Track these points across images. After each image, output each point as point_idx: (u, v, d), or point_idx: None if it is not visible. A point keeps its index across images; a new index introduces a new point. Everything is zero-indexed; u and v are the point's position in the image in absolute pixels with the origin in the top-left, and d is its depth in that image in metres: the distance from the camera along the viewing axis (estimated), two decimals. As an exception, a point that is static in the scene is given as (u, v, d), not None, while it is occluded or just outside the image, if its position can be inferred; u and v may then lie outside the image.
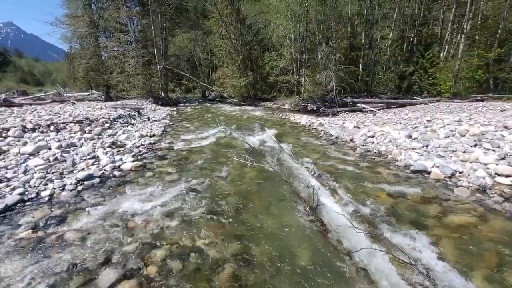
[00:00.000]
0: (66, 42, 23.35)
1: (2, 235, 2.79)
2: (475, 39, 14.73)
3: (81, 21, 19.05)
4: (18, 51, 73.85)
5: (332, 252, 2.60)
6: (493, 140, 4.81)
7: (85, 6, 19.59)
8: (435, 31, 17.99)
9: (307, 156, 5.68)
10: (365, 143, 6.48)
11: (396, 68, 16.04)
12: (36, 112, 8.67)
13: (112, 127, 7.92)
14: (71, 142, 5.73)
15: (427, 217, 3.17)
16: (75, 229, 2.93)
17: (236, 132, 8.27)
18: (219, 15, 18.83)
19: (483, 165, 4.23)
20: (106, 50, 20.03)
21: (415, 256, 2.47)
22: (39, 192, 3.71)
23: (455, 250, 2.57)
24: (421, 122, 7.03)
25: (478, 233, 2.81)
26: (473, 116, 6.66)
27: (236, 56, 18.92)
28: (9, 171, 4.10)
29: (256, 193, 3.94)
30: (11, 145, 5.10)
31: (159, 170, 4.86)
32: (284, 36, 16.95)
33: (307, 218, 3.19)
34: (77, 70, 23.16)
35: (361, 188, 4.01)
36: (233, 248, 2.67)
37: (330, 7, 15.17)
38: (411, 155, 5.11)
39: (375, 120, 8.97)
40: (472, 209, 3.28)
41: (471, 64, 13.57)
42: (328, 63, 13.38)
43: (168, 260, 2.49)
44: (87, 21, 18.96)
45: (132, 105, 13.07)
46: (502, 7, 14.06)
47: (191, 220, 3.17)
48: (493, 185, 3.81)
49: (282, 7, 15.93)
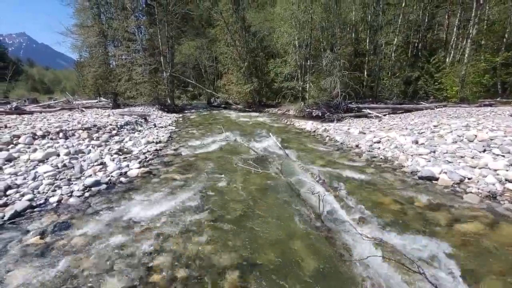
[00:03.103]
0: (76, 51, 24.01)
1: (11, 241, 2.83)
2: (481, 44, 14.60)
3: (90, 31, 19.65)
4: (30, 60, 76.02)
5: (339, 259, 2.57)
6: (503, 146, 4.71)
7: (95, 17, 20.27)
8: (440, 36, 17.90)
9: (312, 162, 5.66)
10: (371, 149, 6.42)
11: (401, 74, 15.96)
12: (46, 119, 8.87)
13: (119, 134, 8.04)
14: (79, 149, 5.83)
15: (435, 224, 3.10)
16: (82, 235, 2.96)
17: (241, 138, 8.30)
18: (225, 23, 19.15)
19: (492, 171, 4.14)
20: (115, 58, 20.54)
21: (423, 264, 2.42)
22: (48, 198, 3.77)
23: (465, 258, 2.50)
24: (427, 128, 6.95)
25: (488, 241, 2.74)
26: (481, 121, 6.54)
27: (241, 63, 19.14)
28: (19, 178, 4.18)
29: (261, 199, 3.93)
30: (21, 152, 5.21)
31: (165, 177, 4.89)
32: (289, 43, 17.11)
33: (313, 225, 3.16)
34: (86, 78, 23.72)
35: (368, 194, 3.97)
36: (238, 256, 2.65)
37: (334, 14, 15.29)
38: (418, 161, 5.04)
39: (381, 126, 8.90)
40: (482, 216, 3.21)
41: (478, 69, 13.42)
42: (332, 69, 13.41)
43: (173, 267, 2.49)
44: (97, 31, 19.55)
45: (139, 112, 13.27)
46: (508, 11, 13.96)
47: (196, 227, 3.17)
48: (504, 191, 3.72)
49: (287, 14, 16.15)
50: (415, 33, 16.76)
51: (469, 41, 13.85)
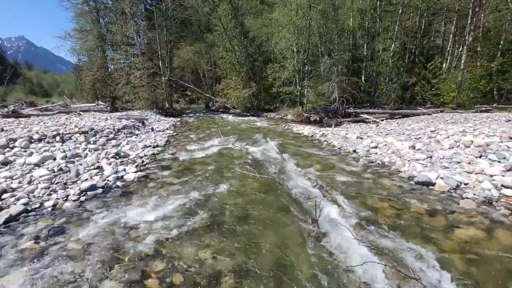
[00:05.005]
0: (74, 54, 24.13)
1: (5, 245, 2.80)
2: (477, 50, 14.80)
3: (89, 35, 19.71)
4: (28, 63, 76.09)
5: (335, 265, 2.56)
6: (499, 151, 4.74)
7: (94, 21, 20.35)
8: (436, 43, 18.14)
9: (310, 167, 5.66)
10: (368, 154, 6.44)
11: (398, 79, 16.11)
12: (43, 123, 8.83)
13: (116, 138, 8.01)
14: (76, 153, 5.80)
15: (431, 229, 3.10)
16: (77, 240, 2.93)
17: (239, 142, 8.30)
18: (224, 29, 19.31)
19: (488, 177, 4.16)
20: (113, 62, 20.59)
21: (419, 270, 2.42)
22: (43, 202, 3.74)
23: (461, 264, 2.50)
24: (424, 133, 6.99)
25: (485, 247, 2.74)
26: (477, 127, 6.60)
27: (240, 68, 19.26)
28: (14, 181, 4.15)
29: (258, 204, 3.92)
30: (17, 155, 5.18)
31: (161, 181, 4.87)
32: (287, 48, 17.26)
33: (309, 230, 3.15)
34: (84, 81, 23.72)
35: (364, 199, 3.97)
36: (235, 260, 2.64)
37: (332, 20, 15.48)
38: (415, 166, 5.06)
39: (378, 131, 8.94)
40: (479, 222, 3.22)
41: (474, 75, 13.57)
42: (330, 74, 13.51)
43: (168, 272, 2.46)
44: (96, 35, 19.63)
45: (136, 116, 13.26)
46: (503, 19, 14.18)
47: (193, 231, 3.15)
48: (500, 197, 3.74)
49: (285, 20, 16.33)
50: (412, 40, 16.98)
51: (465, 48, 14.06)
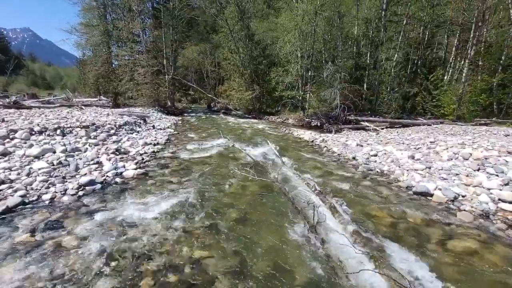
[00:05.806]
0: (79, 48, 24.18)
1: (0, 237, 2.79)
2: (478, 64, 14.91)
3: (95, 30, 19.79)
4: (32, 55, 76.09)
5: (331, 272, 2.56)
6: (497, 165, 4.77)
7: (101, 17, 20.44)
8: (439, 55, 18.28)
9: (309, 172, 5.67)
10: (368, 161, 6.46)
11: (400, 89, 16.20)
12: (44, 115, 8.84)
13: (117, 134, 8.02)
14: (76, 147, 5.80)
15: (428, 240, 3.11)
16: (73, 235, 2.92)
17: (239, 144, 8.31)
18: (229, 31, 19.41)
19: (486, 190, 4.18)
20: (117, 58, 20.64)
21: (415, 280, 2.42)
22: (41, 195, 3.73)
23: (457, 277, 2.51)
24: (424, 143, 7.02)
25: (480, 260, 2.75)
26: (476, 140, 6.63)
27: (244, 70, 19.32)
28: (12, 173, 4.14)
29: (256, 207, 3.92)
30: (17, 147, 5.18)
31: (160, 179, 4.87)
32: (291, 53, 17.35)
33: (306, 236, 3.16)
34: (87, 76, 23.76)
35: (362, 207, 3.98)
36: (230, 262, 2.63)
37: (337, 27, 15.58)
38: (413, 176, 5.08)
39: (378, 139, 8.97)
40: (475, 235, 3.22)
41: (475, 88, 13.67)
42: (333, 81, 13.57)
43: (164, 271, 2.46)
44: (102, 30, 19.72)
45: (138, 113, 13.26)
46: (505, 34, 14.31)
47: (189, 231, 3.15)
48: (497, 211, 3.75)
49: (291, 25, 16.44)
50: (415, 50, 17.09)
51: (467, 61, 14.15)
